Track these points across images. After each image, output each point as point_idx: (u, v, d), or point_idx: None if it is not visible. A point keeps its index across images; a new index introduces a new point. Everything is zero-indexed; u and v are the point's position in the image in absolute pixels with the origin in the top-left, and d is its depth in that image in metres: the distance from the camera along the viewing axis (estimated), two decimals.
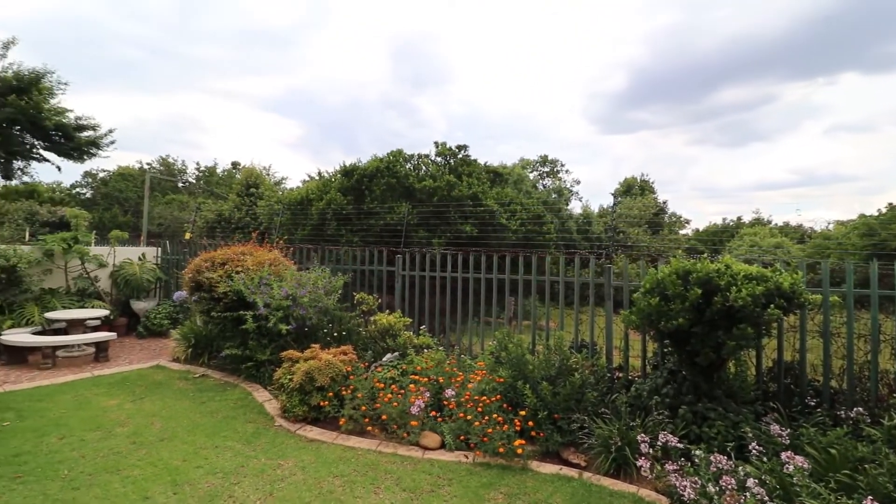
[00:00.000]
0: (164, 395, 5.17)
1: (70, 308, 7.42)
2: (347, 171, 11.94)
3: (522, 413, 4.08)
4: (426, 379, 4.63)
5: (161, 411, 4.69)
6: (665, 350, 4.62)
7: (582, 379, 4.20)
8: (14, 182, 19.12)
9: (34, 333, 6.62)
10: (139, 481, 3.33)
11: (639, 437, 3.53)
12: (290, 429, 4.35)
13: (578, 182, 40.78)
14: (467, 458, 3.82)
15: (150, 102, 43.33)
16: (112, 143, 18.55)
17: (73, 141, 17.29)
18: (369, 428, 4.24)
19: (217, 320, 6.04)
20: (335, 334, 5.99)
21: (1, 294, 7.01)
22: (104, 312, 7.28)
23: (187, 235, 10.52)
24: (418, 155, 13.23)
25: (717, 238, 21.97)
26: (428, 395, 4.38)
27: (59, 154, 17.80)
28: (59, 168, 18.44)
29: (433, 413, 4.28)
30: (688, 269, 3.81)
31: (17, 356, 6.37)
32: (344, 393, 4.50)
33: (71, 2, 33.35)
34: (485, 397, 4.25)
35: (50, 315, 6.82)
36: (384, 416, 4.22)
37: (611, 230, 14.80)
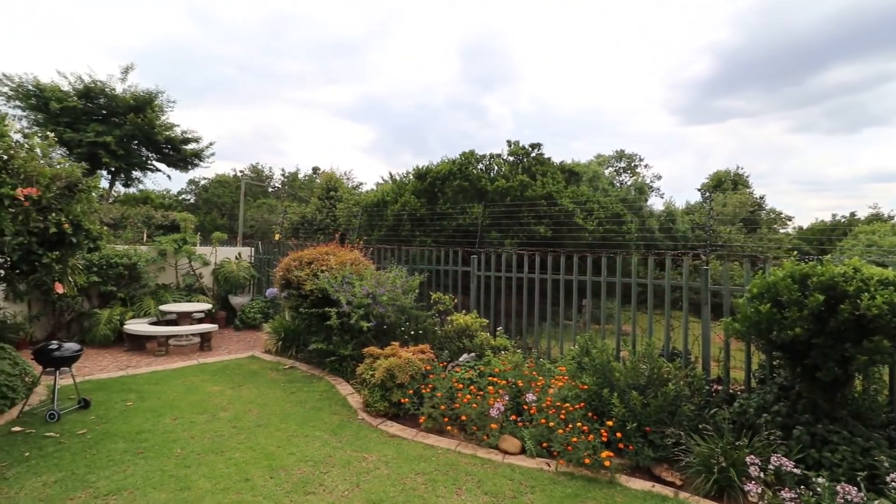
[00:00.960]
0: (258, 384, 5.58)
1: (179, 302, 8.29)
2: (420, 174, 12.17)
3: (609, 423, 3.86)
4: (504, 382, 4.54)
5: (257, 399, 5.06)
6: (774, 363, 4.13)
7: (676, 390, 3.87)
8: (132, 190, 21.88)
9: (151, 324, 7.48)
10: (240, 464, 3.60)
11: (747, 459, 3.18)
12: (372, 423, 4.48)
13: (659, 177, 38.35)
14: (549, 466, 3.68)
15: (241, 115, 47.61)
16: (212, 153, 20.56)
17: (180, 153, 19.41)
18: (448, 428, 4.24)
19: (304, 316, 6.41)
20: (412, 333, 6.09)
21: (124, 288, 8.01)
22: (207, 306, 8.04)
23: (276, 236, 11.33)
24: (490, 155, 13.15)
25: (826, 237, 19.48)
26: (507, 398, 4.30)
27: (169, 164, 20.07)
28: (168, 177, 20.89)
29: (513, 417, 4.18)
30: (806, 273, 3.37)
31: (137, 343, 7.23)
32: (423, 391, 4.55)
33: (176, 29, 37.51)
34: (567, 404, 4.08)
35: (163, 308, 7.67)
36: (463, 417, 4.21)
37: (704, 228, 13.66)
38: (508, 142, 13.26)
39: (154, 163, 19.70)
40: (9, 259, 4.32)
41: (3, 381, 4.43)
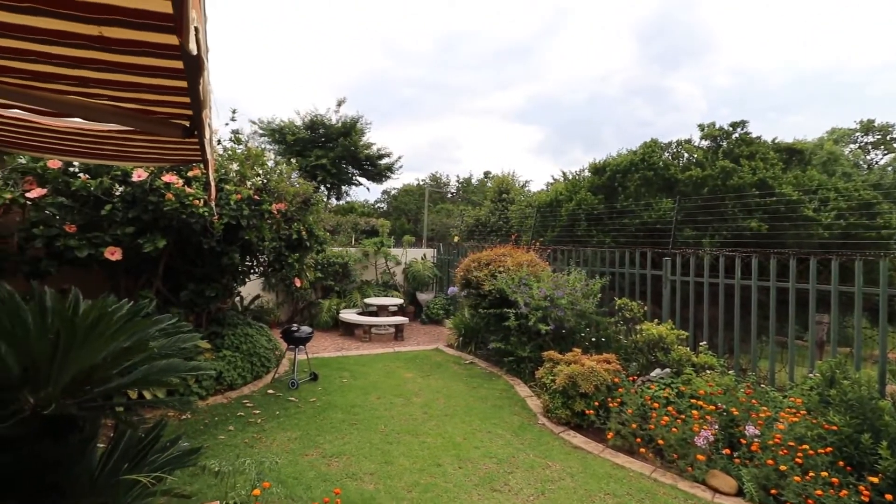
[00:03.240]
0: (443, 376, 6.00)
1: (378, 296, 9.55)
2: (597, 169, 11.44)
3: (873, 480, 2.92)
4: (712, 407, 3.87)
5: (443, 389, 5.44)
6: None
7: None
8: (341, 202, 26.36)
9: (358, 314, 8.78)
10: (432, 448, 3.88)
11: None
12: (553, 430, 4.35)
13: None
14: None
15: (422, 129, 52.74)
16: (400, 166, 23.33)
17: (376, 167, 22.54)
18: (641, 450, 3.82)
19: (482, 315, 6.64)
20: (593, 339, 5.73)
21: (339, 283, 9.60)
22: (400, 301, 9.06)
23: (455, 239, 12.12)
24: (677, 142, 11.55)
25: None
26: (716, 426, 3.65)
27: (367, 178, 23.49)
28: (368, 189, 24.39)
29: (726, 451, 3.52)
30: None
31: (348, 329, 8.57)
32: (610, 404, 4.21)
33: (374, 64, 43.87)
34: (805, 445, 3.24)
35: (367, 301, 8.94)
36: (660, 441, 3.73)
37: None
38: (700, 125, 11.41)
39: (357, 178, 23.30)
40: (266, 259, 5.58)
41: (262, 353, 5.74)
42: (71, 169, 4.01)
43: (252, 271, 5.80)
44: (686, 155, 11.33)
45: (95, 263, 4.10)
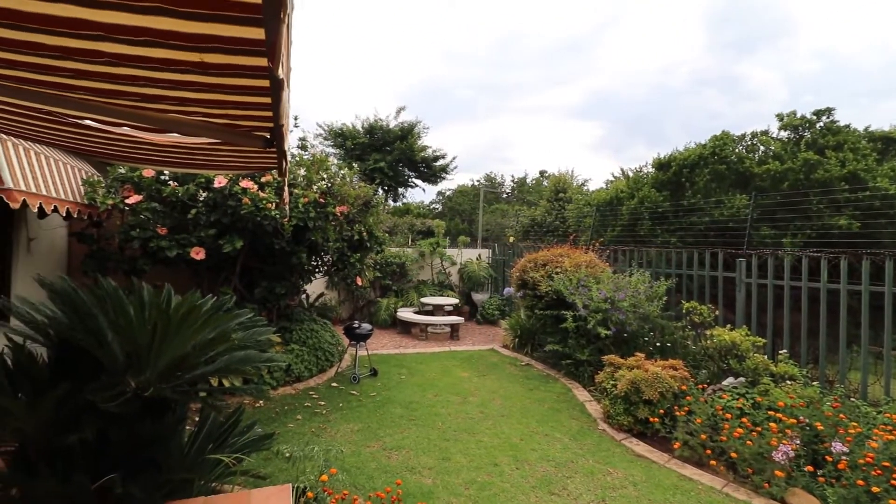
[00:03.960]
0: (499, 376, 5.99)
1: (434, 296, 9.70)
2: (662, 164, 10.88)
3: None
4: (793, 420, 3.57)
5: (499, 389, 5.44)
6: None
7: None
8: (397, 203, 27.02)
9: (414, 313, 8.98)
10: (489, 448, 3.90)
11: None
12: (614, 436, 4.21)
13: None
14: None
15: (475, 130, 52.71)
16: (455, 167, 23.52)
17: (432, 169, 22.88)
18: (712, 462, 3.60)
19: (539, 316, 6.56)
20: (657, 344, 5.48)
21: (396, 282, 9.87)
22: (455, 301, 9.15)
23: (510, 239, 12.03)
24: (752, 134, 10.71)
25: None
26: (797, 441, 3.37)
27: (423, 180, 23.91)
28: (423, 190, 24.88)
29: (808, 468, 3.24)
30: None
31: (405, 327, 8.79)
32: (677, 413, 4.01)
33: (433, 71, 44.62)
34: None
35: (423, 300, 9.11)
36: (733, 454, 3.50)
37: None
38: (779, 115, 10.51)
39: (413, 180, 23.79)
40: (330, 258, 5.86)
41: (326, 347, 6.03)
42: (162, 177, 4.46)
43: (317, 270, 6.12)
44: (762, 147, 10.50)
45: (182, 262, 4.53)
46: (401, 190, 24.58)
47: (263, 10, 0.80)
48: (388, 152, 21.31)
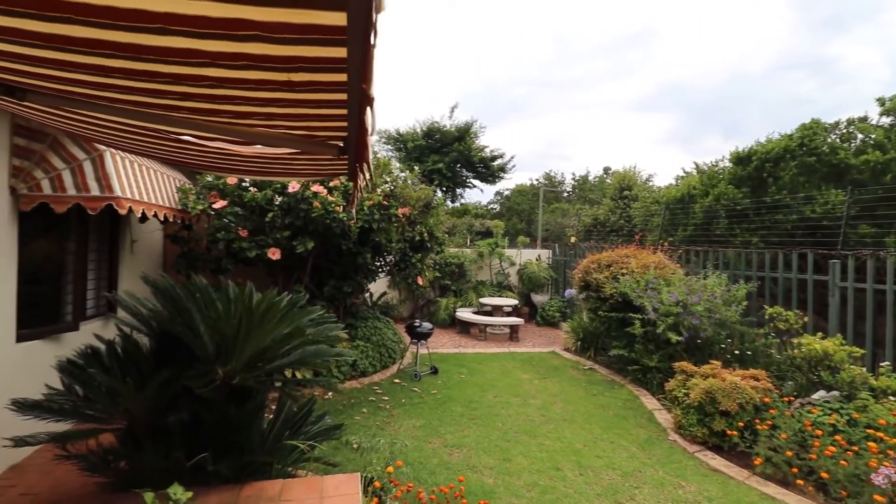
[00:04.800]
0: (560, 380, 5.87)
1: (493, 296, 9.68)
2: (741, 158, 10.08)
3: None
4: None
5: (560, 393, 5.33)
6: None
7: None
8: (455, 204, 27.21)
9: (473, 313, 9.01)
10: (550, 451, 3.84)
11: None
12: (686, 448, 3.98)
13: None
14: None
15: (533, 128, 51.69)
16: (513, 167, 23.28)
17: (490, 169, 22.81)
18: (798, 482, 3.30)
19: (603, 319, 6.34)
20: (736, 352, 5.10)
21: (455, 282, 9.97)
22: (514, 302, 9.07)
23: (572, 239, 11.72)
24: (847, 121, 9.60)
25: None
26: None
27: (481, 180, 23.88)
28: (481, 190, 24.88)
29: None
30: None
31: (464, 327, 8.85)
32: (758, 427, 3.72)
33: (491, 73, 44.55)
34: None
35: (482, 300, 9.13)
36: (824, 474, 3.19)
37: None
38: (880, 99, 9.32)
39: (471, 180, 23.85)
40: (393, 259, 6.05)
41: (389, 344, 6.23)
42: (243, 184, 4.85)
43: (381, 270, 6.34)
44: (860, 136, 9.40)
45: (260, 262, 4.90)
46: (458, 191, 24.73)
47: (349, 31, 0.87)
48: (446, 153, 21.54)
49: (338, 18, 0.85)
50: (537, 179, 33.59)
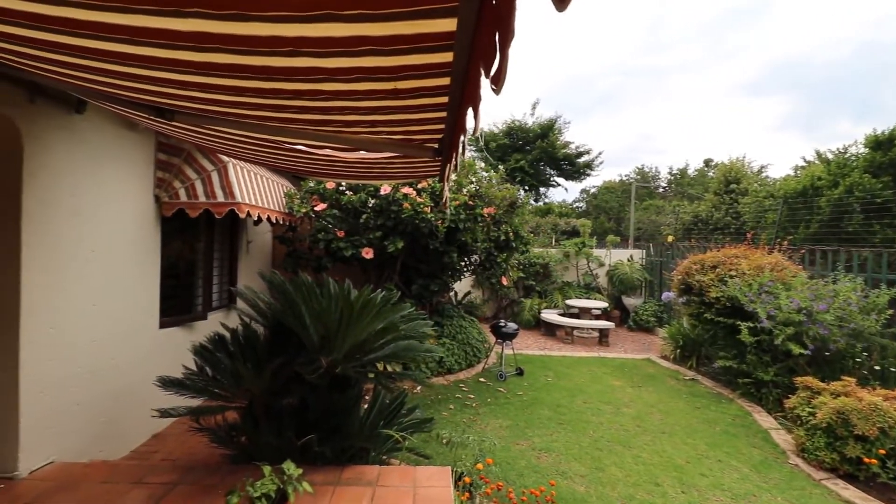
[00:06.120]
0: (658, 389, 5.48)
1: (580, 298, 9.32)
2: (879, 142, 8.64)
3: None
4: None
5: (658, 403, 4.98)
6: None
7: None
8: (538, 203, 26.57)
9: (559, 315, 8.76)
10: (648, 465, 3.61)
11: None
12: (811, 474, 3.50)
13: None
14: None
15: (624, 120, 48.70)
16: (600, 163, 22.17)
17: (575, 166, 21.93)
18: None
19: (707, 326, 5.81)
20: (876, 368, 4.38)
21: (540, 283, 9.76)
22: (604, 304, 8.65)
23: (669, 238, 10.88)
24: None
25: None
26: None
27: (566, 178, 23.06)
28: (566, 189, 24.02)
29: None
30: None
31: (549, 329, 8.63)
32: None
33: (568, 61, 42.88)
34: None
35: (568, 302, 8.83)
36: None
37: None
38: None
39: (554, 178, 23.17)
40: (478, 258, 6.10)
41: (474, 343, 6.29)
42: (340, 188, 5.21)
43: (466, 269, 6.43)
44: None
45: (355, 260, 5.22)
46: (542, 189, 24.16)
47: (457, 35, 0.90)
48: (529, 151, 21.16)
49: (447, 25, 0.89)
50: (628, 175, 31.74)
